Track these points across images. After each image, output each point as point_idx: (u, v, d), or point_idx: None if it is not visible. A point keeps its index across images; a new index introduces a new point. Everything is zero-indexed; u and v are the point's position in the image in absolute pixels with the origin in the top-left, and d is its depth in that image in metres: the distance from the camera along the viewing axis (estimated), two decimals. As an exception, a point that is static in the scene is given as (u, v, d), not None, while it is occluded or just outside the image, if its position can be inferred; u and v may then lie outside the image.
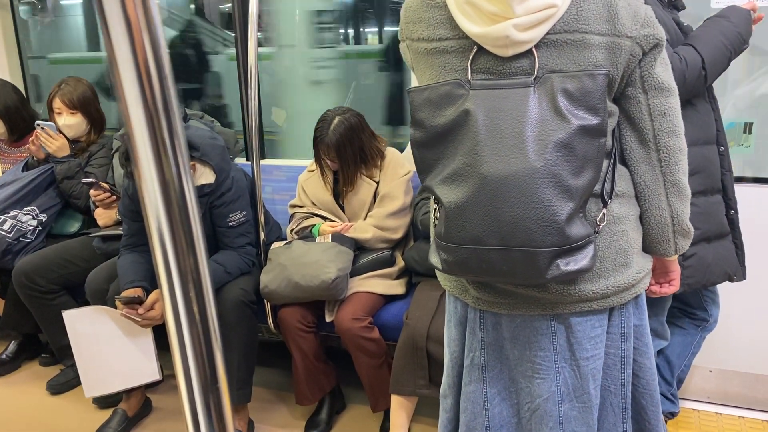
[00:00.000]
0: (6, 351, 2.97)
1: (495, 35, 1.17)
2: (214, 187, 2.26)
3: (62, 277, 2.68)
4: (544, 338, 1.35)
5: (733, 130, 2.35)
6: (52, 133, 2.77)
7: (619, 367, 1.39)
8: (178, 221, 0.47)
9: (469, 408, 1.45)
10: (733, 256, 1.94)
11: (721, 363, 2.44)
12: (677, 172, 1.29)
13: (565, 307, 1.31)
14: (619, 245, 1.29)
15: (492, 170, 1.14)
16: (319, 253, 2.29)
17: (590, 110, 1.15)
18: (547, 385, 1.36)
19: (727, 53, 1.77)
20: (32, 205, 2.84)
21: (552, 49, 1.18)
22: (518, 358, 1.39)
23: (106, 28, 0.43)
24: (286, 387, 2.68)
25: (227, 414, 0.52)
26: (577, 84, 1.14)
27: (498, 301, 1.34)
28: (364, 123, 2.44)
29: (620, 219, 1.29)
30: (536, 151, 1.12)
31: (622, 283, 1.30)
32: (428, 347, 2.09)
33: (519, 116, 1.14)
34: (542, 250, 1.14)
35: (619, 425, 1.43)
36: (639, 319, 1.41)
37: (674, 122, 1.27)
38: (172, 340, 0.50)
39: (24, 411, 2.64)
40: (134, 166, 0.47)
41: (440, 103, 1.22)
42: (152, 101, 0.45)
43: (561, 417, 1.37)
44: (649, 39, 1.21)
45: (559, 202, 1.13)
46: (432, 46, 1.27)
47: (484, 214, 1.16)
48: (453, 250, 1.22)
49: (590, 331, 1.33)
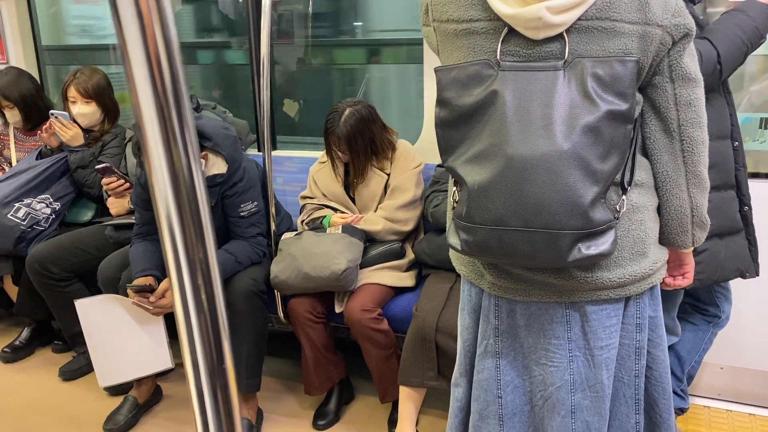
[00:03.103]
0: (19, 337, 3.01)
1: (528, 16, 1.16)
2: (226, 177, 2.27)
3: (75, 265, 2.70)
4: (558, 326, 1.35)
5: (748, 125, 2.32)
6: (66, 122, 2.79)
7: (633, 357, 1.39)
8: (187, 211, 0.47)
9: (482, 396, 1.45)
10: (745, 253, 1.93)
11: (733, 360, 2.42)
12: (699, 164, 1.29)
13: (581, 294, 1.31)
14: (636, 234, 1.29)
15: (519, 151, 1.14)
16: (330, 244, 2.30)
17: (619, 96, 1.15)
18: (561, 373, 1.36)
19: (744, 48, 1.75)
20: (46, 194, 2.87)
21: (582, 35, 1.17)
22: (532, 346, 1.39)
23: (118, 19, 0.43)
24: (296, 377, 2.69)
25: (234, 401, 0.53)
26: (608, 69, 1.15)
27: (514, 287, 1.34)
28: (375, 115, 2.44)
29: (639, 209, 1.29)
30: (564, 134, 1.13)
31: (639, 272, 1.30)
32: (437, 339, 2.10)
33: (548, 98, 1.15)
34: (565, 233, 1.15)
35: (632, 416, 1.43)
36: (654, 311, 1.41)
37: (699, 113, 1.27)
38: (180, 329, 0.50)
39: (36, 397, 2.67)
40: (144, 155, 0.47)
41: (468, 82, 1.21)
42: (162, 92, 0.45)
43: (573, 406, 1.37)
44: (680, 28, 1.20)
45: (585, 185, 1.13)
46: (462, 27, 1.26)
47: (508, 195, 1.16)
48: (474, 231, 1.22)
49: (605, 320, 1.33)
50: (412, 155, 2.51)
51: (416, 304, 2.22)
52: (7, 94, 2.98)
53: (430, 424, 2.40)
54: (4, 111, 3.06)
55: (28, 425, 2.48)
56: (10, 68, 3.12)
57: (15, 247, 2.77)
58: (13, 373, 2.87)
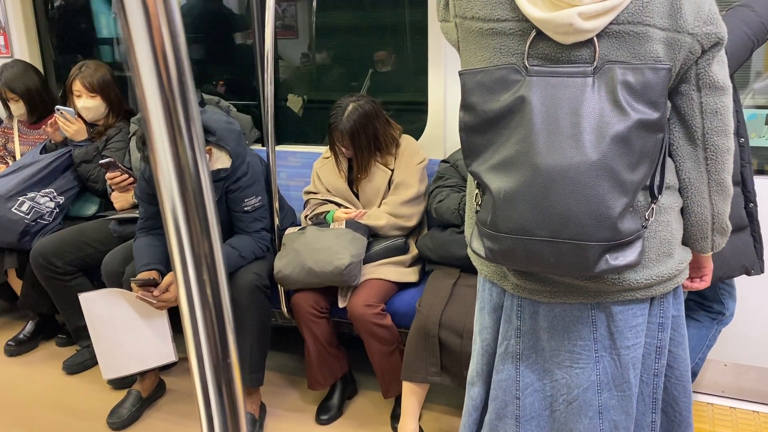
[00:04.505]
0: (23, 331, 3.02)
1: (558, 22, 1.13)
2: (230, 171, 2.27)
3: (79, 259, 2.71)
4: (584, 327, 1.33)
5: (754, 121, 2.31)
6: (70, 117, 2.80)
7: (654, 356, 1.38)
8: (193, 205, 0.47)
9: (500, 396, 1.43)
10: (751, 250, 1.92)
11: (737, 357, 2.42)
12: (722, 171, 1.27)
13: (608, 296, 1.29)
14: (663, 236, 1.28)
15: (546, 161, 1.11)
16: (333, 239, 2.30)
17: (651, 105, 1.12)
18: (587, 374, 1.35)
19: (749, 43, 1.74)
20: (50, 188, 2.87)
21: (613, 40, 1.15)
22: (555, 349, 1.37)
23: (124, 13, 0.43)
24: (299, 372, 2.70)
25: (239, 396, 0.53)
26: (639, 77, 1.12)
27: (538, 288, 1.32)
28: (378, 110, 2.43)
29: (665, 210, 1.27)
30: (593, 144, 1.10)
31: (665, 273, 1.29)
32: (440, 335, 2.10)
33: (576, 106, 1.12)
34: (593, 244, 1.13)
35: (648, 414, 1.42)
36: (677, 310, 1.39)
37: (725, 121, 1.24)
38: (185, 324, 0.50)
39: (40, 390, 2.68)
40: (150, 150, 0.47)
41: (494, 87, 1.18)
42: (168, 86, 0.45)
43: (601, 406, 1.36)
44: (711, 37, 1.18)
45: (613, 196, 1.11)
46: (488, 26, 1.22)
47: (534, 205, 1.13)
48: (499, 239, 1.20)
49: (632, 320, 1.32)
50: (416, 151, 2.50)
51: (419, 299, 2.22)
52: (12, 86, 2.99)
53: (433, 420, 2.41)
54: (9, 104, 3.07)
55: (32, 418, 2.49)
56: (16, 61, 3.13)
57: (19, 241, 2.77)
58: (17, 366, 2.88)
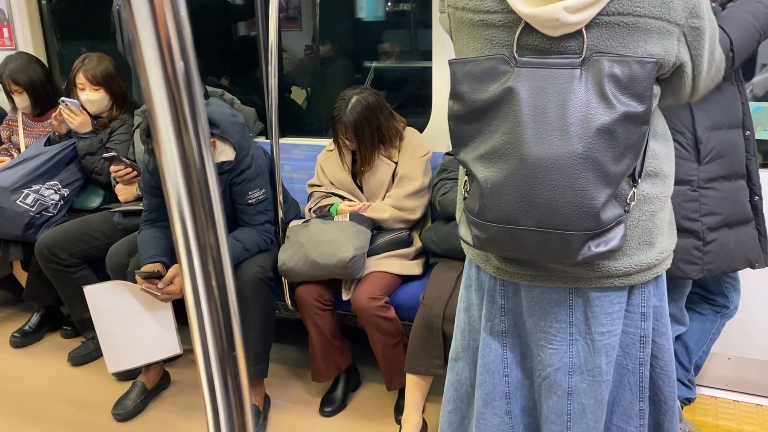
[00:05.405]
0: (29, 323, 3.03)
1: (545, 17, 1.14)
2: (234, 164, 2.27)
3: (83, 251, 2.71)
4: (561, 310, 1.36)
5: (760, 114, 2.30)
6: (74, 108, 2.80)
7: (638, 346, 1.40)
8: (198, 197, 0.47)
9: (488, 379, 1.46)
10: (755, 243, 1.91)
11: (740, 350, 2.41)
12: None
13: (587, 282, 1.31)
14: (645, 225, 1.29)
15: (533, 152, 1.14)
16: (337, 232, 2.30)
17: (636, 97, 1.14)
18: (559, 356, 1.38)
19: (757, 35, 1.73)
20: (54, 180, 2.87)
21: (603, 30, 1.15)
22: (532, 327, 1.40)
23: (129, 5, 0.43)
24: (303, 364, 2.71)
25: (244, 388, 0.53)
26: (626, 70, 1.13)
27: (519, 272, 1.35)
28: (382, 102, 2.43)
29: (651, 199, 1.28)
30: (579, 136, 1.12)
31: (645, 262, 1.30)
32: (444, 327, 2.10)
33: (564, 98, 1.13)
34: (577, 234, 1.16)
35: (636, 403, 1.44)
36: (659, 300, 1.41)
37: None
38: (191, 316, 0.50)
39: (45, 382, 2.70)
40: (155, 142, 0.47)
41: (483, 77, 1.20)
42: (174, 78, 0.45)
43: (570, 388, 1.38)
44: (694, 31, 1.19)
45: (597, 188, 1.13)
46: (478, 18, 1.24)
47: (520, 195, 1.16)
48: (486, 228, 1.23)
49: (608, 307, 1.34)
50: (420, 143, 2.50)
51: (423, 292, 2.22)
52: (16, 78, 3.00)
53: (436, 412, 2.40)
54: (13, 96, 3.07)
55: (37, 410, 2.51)
56: (20, 53, 3.13)
57: (24, 233, 2.78)
58: (23, 358, 2.89)
